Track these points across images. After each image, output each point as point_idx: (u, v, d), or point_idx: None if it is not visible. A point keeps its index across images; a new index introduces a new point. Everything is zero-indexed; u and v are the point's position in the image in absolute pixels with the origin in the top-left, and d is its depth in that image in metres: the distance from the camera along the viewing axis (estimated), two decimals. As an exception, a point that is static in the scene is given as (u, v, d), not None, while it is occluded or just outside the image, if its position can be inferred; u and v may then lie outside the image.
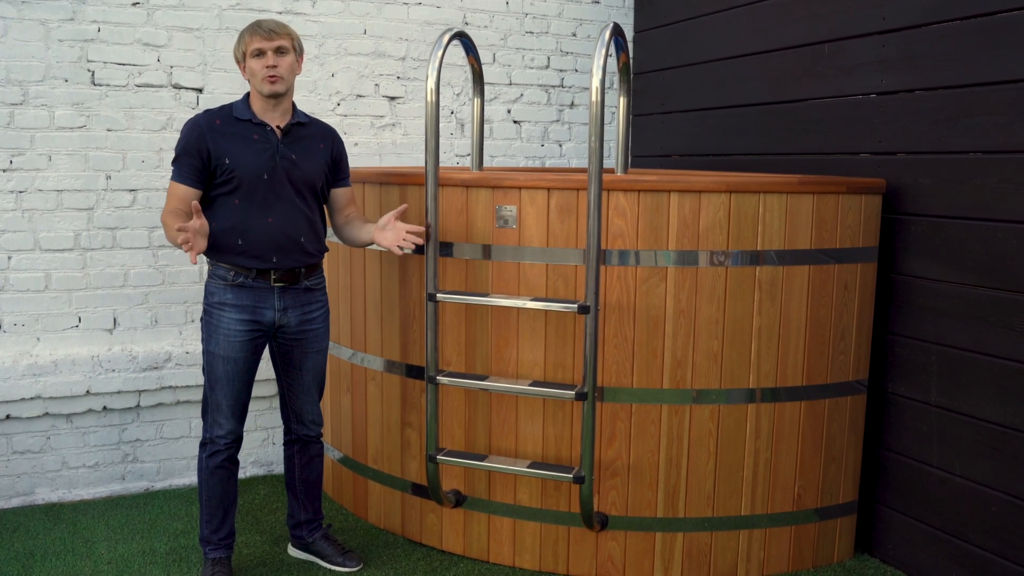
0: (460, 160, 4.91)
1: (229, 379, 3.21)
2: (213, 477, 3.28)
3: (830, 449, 3.50)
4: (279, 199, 3.19)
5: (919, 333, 3.45)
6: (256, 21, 3.20)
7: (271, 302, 3.23)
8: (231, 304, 3.19)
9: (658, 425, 3.34)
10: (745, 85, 4.31)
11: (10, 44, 3.96)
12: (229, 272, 3.18)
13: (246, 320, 3.20)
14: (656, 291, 3.27)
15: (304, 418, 3.46)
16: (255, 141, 3.17)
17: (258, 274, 3.19)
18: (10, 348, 4.07)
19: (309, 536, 3.58)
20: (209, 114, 3.21)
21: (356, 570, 3.52)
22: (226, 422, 3.24)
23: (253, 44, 3.14)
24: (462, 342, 3.49)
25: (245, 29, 3.19)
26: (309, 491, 3.55)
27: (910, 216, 3.48)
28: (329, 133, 3.39)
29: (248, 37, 3.16)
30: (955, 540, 3.33)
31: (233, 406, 3.24)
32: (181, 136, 3.17)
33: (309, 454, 3.52)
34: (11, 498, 4.09)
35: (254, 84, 3.18)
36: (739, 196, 3.25)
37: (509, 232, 3.35)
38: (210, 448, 3.27)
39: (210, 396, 3.24)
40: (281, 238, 3.19)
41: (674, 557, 3.40)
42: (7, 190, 4.00)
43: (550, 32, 5.03)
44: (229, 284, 3.19)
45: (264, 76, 3.13)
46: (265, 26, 3.17)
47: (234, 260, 3.17)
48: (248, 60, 3.16)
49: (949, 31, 3.32)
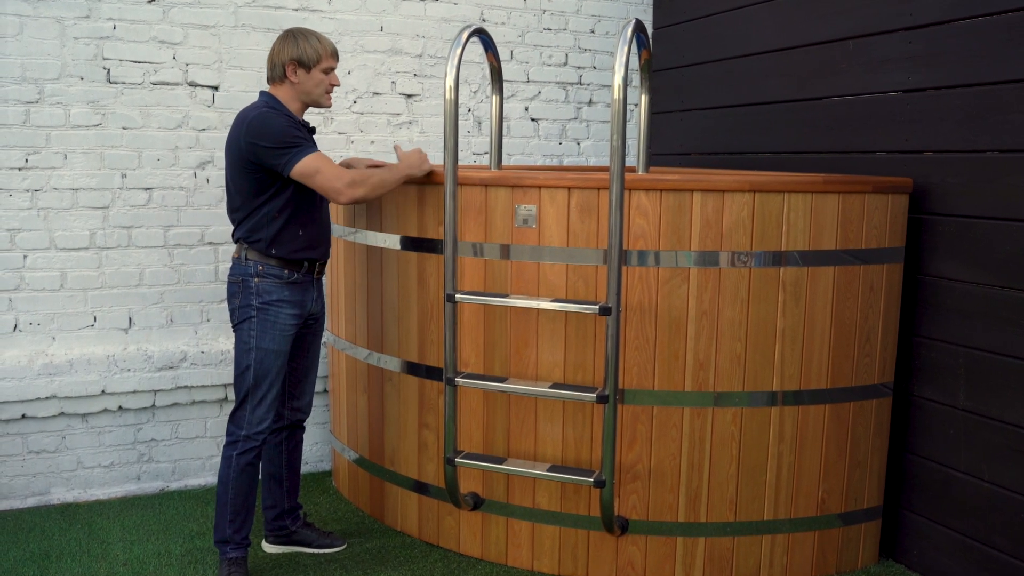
0: (477, 158, 4.87)
1: (278, 372, 3.33)
2: (243, 475, 3.31)
3: (855, 453, 3.44)
4: (319, 196, 3.34)
5: (946, 335, 3.39)
6: (323, 36, 3.29)
7: (311, 294, 3.41)
8: (288, 300, 3.31)
9: (680, 428, 3.29)
10: (767, 82, 4.25)
11: (26, 42, 3.93)
12: (284, 271, 3.29)
13: (297, 314, 3.35)
14: (678, 292, 3.22)
15: (302, 401, 3.61)
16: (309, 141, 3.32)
17: (307, 268, 3.35)
18: (26, 347, 4.05)
19: (293, 525, 3.66)
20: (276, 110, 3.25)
21: (343, 548, 3.66)
22: (268, 416, 3.34)
23: (328, 62, 3.28)
24: (480, 343, 3.44)
25: (314, 39, 3.26)
26: (294, 477, 3.66)
27: (937, 216, 3.42)
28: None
29: (323, 52, 3.26)
30: (982, 546, 3.26)
31: (276, 398, 3.37)
32: (276, 123, 3.16)
33: (296, 439, 3.66)
34: (27, 498, 4.07)
35: (312, 93, 3.28)
36: (763, 195, 3.19)
37: (528, 232, 3.31)
38: (243, 445, 3.31)
39: (254, 392, 3.31)
40: (326, 228, 3.44)
41: (695, 562, 3.35)
42: (23, 189, 3.98)
43: (568, 29, 4.98)
44: (285, 282, 3.30)
45: (327, 91, 3.32)
46: (332, 47, 3.31)
47: (293, 254, 3.28)
48: (316, 71, 3.26)
49: (977, 27, 3.25)
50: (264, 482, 3.63)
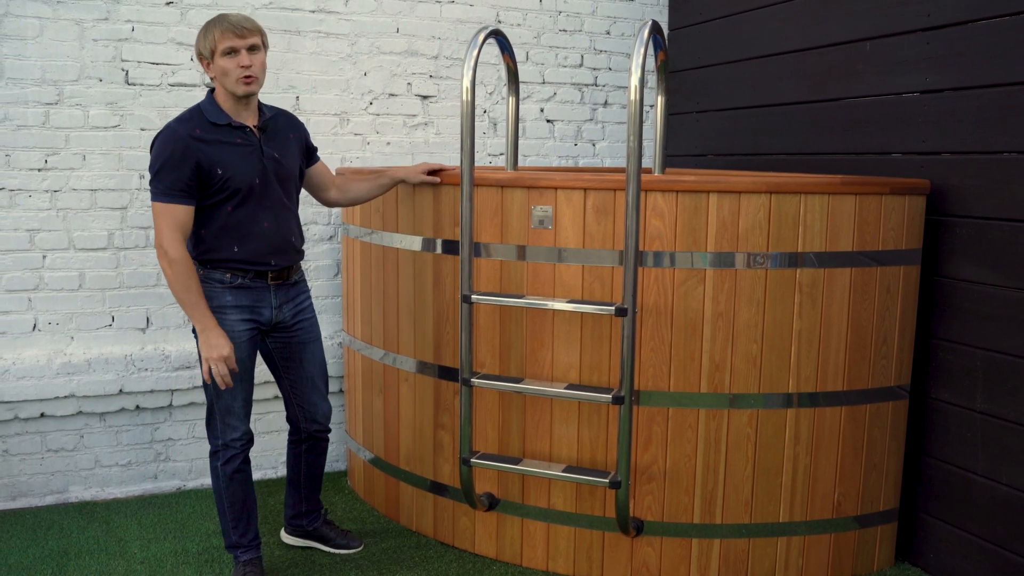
0: (493, 159, 4.87)
1: (238, 380, 3.17)
2: (233, 483, 3.25)
3: (871, 455, 3.43)
4: (270, 202, 3.16)
5: (964, 337, 3.37)
6: (222, 15, 3.02)
7: (268, 300, 3.23)
8: (231, 306, 3.15)
9: (695, 429, 3.28)
10: (783, 83, 4.24)
11: (45, 44, 3.96)
12: (226, 275, 3.14)
13: (247, 319, 3.19)
14: (694, 293, 3.22)
15: (316, 413, 3.47)
16: (240, 146, 3.08)
17: (256, 275, 3.18)
18: (44, 347, 4.08)
19: (310, 525, 3.63)
20: (183, 123, 3.01)
21: (360, 549, 3.62)
22: (240, 424, 3.22)
23: (225, 42, 2.97)
24: (496, 344, 3.45)
25: (211, 23, 3.00)
26: (314, 485, 3.59)
27: (955, 217, 3.40)
28: (293, 120, 3.35)
29: (218, 34, 2.97)
30: (1000, 550, 3.25)
31: (244, 406, 3.23)
32: (161, 150, 2.95)
33: (318, 451, 3.54)
34: (45, 496, 4.10)
35: (225, 84, 3.02)
36: (780, 197, 3.19)
37: (544, 233, 3.31)
38: (224, 455, 3.23)
39: (217, 403, 3.19)
40: (277, 241, 3.19)
41: (711, 564, 3.34)
42: (42, 189, 4.01)
43: (584, 30, 4.98)
44: (227, 286, 3.14)
45: (239, 77, 2.99)
46: (235, 21, 2.98)
47: (231, 266, 3.13)
48: (218, 59, 2.99)
49: (996, 27, 3.23)
50: (286, 483, 3.63)
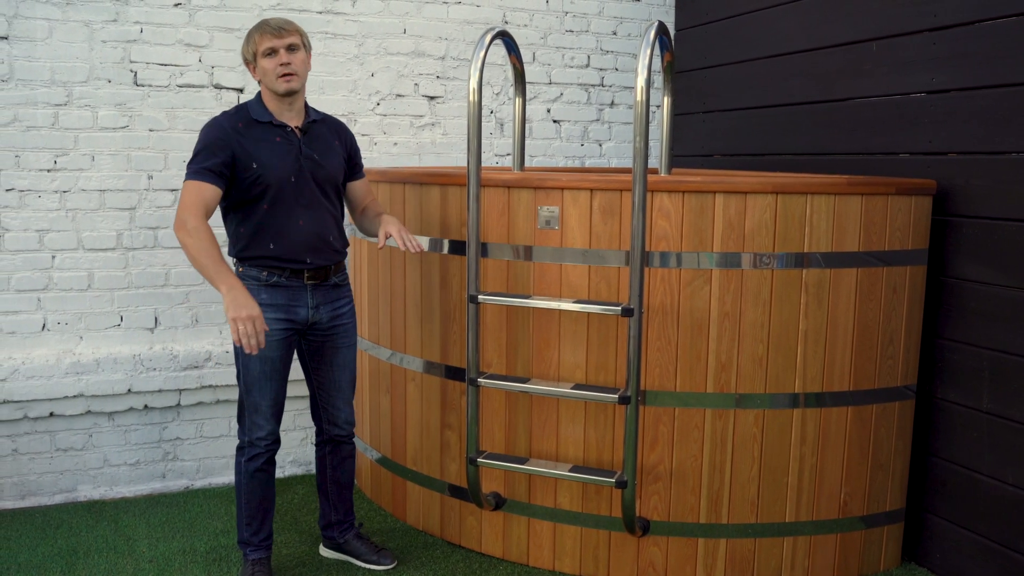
0: (500, 160, 4.88)
1: (267, 379, 3.19)
2: (253, 481, 3.26)
3: (877, 456, 3.43)
4: (307, 201, 3.18)
5: (970, 338, 3.37)
6: (263, 20, 3.16)
7: (304, 300, 3.22)
8: (266, 304, 3.15)
9: (701, 429, 3.29)
10: (790, 84, 4.25)
11: (55, 45, 3.99)
12: (262, 272, 3.16)
13: (281, 319, 3.19)
14: (700, 294, 3.22)
15: (338, 418, 3.45)
16: (278, 144, 3.14)
17: (292, 273, 3.18)
18: (53, 346, 4.10)
19: (340, 536, 3.57)
20: (228, 116, 3.13)
21: (391, 568, 3.51)
22: (265, 423, 3.23)
23: (264, 43, 3.09)
24: (503, 344, 3.46)
25: (252, 29, 3.14)
26: (341, 492, 3.55)
27: (961, 218, 3.40)
28: (341, 128, 3.39)
29: (257, 36, 3.11)
30: (1006, 551, 3.25)
31: (272, 406, 3.23)
32: (205, 136, 3.07)
33: (341, 455, 3.51)
34: (54, 495, 4.13)
35: (267, 84, 3.13)
36: (786, 197, 3.19)
37: (551, 233, 3.32)
38: (249, 452, 3.25)
39: (247, 399, 3.22)
40: (313, 239, 3.19)
41: (716, 563, 3.35)
42: (51, 190, 4.03)
43: (590, 31, 4.99)
44: (263, 284, 3.16)
45: (279, 75, 3.10)
46: (274, 24, 3.12)
47: (267, 263, 3.15)
48: (260, 60, 3.12)
49: (1003, 28, 3.23)
50: (317, 490, 3.60)
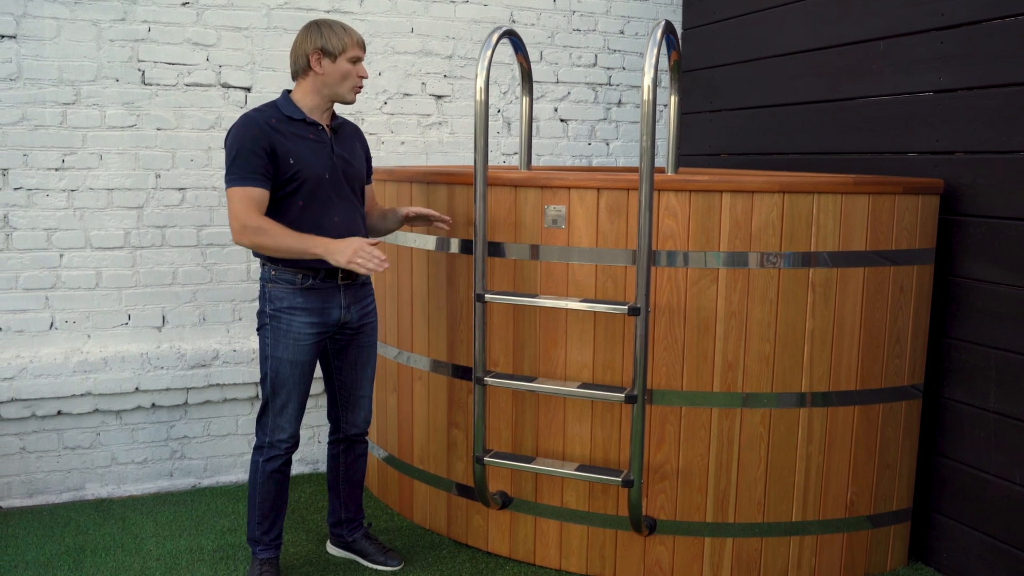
0: (506, 159, 4.89)
1: (297, 382, 3.19)
2: (269, 481, 3.26)
3: (884, 455, 3.42)
4: (340, 198, 3.19)
5: (977, 337, 3.37)
6: (340, 23, 3.15)
7: (337, 301, 3.21)
8: (301, 308, 3.14)
9: (708, 429, 3.29)
10: (797, 83, 4.24)
11: (63, 44, 4.00)
12: (297, 276, 3.13)
13: (315, 323, 3.18)
14: (707, 293, 3.22)
15: (357, 417, 3.45)
16: (312, 140, 3.13)
17: (327, 274, 3.18)
18: (61, 345, 4.12)
19: (350, 535, 3.57)
20: (260, 112, 3.10)
21: (398, 569, 3.51)
22: (289, 426, 3.22)
23: (353, 50, 3.13)
24: (510, 343, 3.46)
25: (337, 26, 3.13)
26: (352, 491, 3.55)
27: (968, 217, 3.40)
28: (359, 131, 3.42)
29: (349, 41, 3.12)
30: (1014, 550, 3.24)
31: (298, 409, 3.23)
32: (239, 135, 3.02)
33: (355, 453, 3.51)
34: (62, 493, 4.14)
35: (337, 86, 3.14)
36: (793, 196, 3.19)
37: (558, 232, 3.32)
38: (268, 452, 3.24)
39: (272, 401, 3.20)
40: (347, 236, 3.16)
41: (723, 563, 3.35)
42: (59, 189, 4.05)
43: (597, 30, 4.99)
44: (298, 288, 3.14)
45: (356, 85, 3.17)
46: (359, 36, 3.16)
47: (302, 264, 3.13)
48: (342, 60, 3.11)
49: (1010, 27, 3.23)
50: (327, 488, 3.61)
